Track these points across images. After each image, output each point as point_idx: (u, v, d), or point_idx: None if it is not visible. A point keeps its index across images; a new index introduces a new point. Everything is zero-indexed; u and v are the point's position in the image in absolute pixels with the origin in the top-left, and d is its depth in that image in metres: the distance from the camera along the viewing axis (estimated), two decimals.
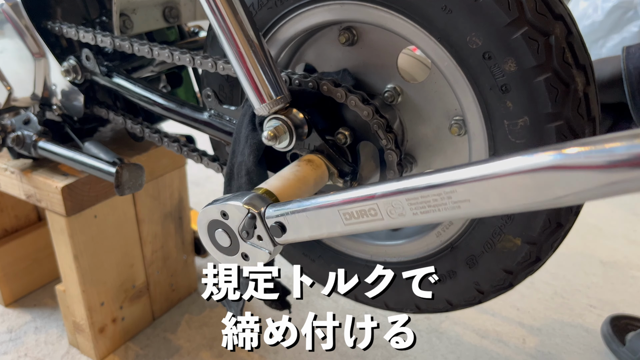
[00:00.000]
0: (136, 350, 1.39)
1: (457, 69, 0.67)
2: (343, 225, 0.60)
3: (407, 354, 1.35)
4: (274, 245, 0.66)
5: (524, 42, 0.61)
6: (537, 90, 0.62)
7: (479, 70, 0.65)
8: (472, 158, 0.73)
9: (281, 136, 0.74)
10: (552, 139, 0.64)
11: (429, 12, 0.66)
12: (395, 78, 0.80)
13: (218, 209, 0.67)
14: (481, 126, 0.68)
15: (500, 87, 0.64)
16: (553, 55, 0.61)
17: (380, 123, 0.73)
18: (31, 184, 1.18)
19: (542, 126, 0.64)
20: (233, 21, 0.66)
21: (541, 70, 0.61)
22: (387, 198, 0.55)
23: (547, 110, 0.62)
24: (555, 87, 0.62)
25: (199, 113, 0.92)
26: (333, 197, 0.60)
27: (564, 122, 0.63)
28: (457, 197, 0.50)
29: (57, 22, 1.08)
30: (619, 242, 1.90)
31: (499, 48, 0.62)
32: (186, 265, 1.55)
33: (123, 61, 1.15)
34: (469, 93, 0.67)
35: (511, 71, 0.63)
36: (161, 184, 1.38)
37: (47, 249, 1.56)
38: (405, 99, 0.81)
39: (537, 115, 0.63)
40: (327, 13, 0.76)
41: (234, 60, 0.69)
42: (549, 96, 0.62)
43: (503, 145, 0.67)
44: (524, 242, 0.72)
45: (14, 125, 1.17)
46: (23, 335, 1.43)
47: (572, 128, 0.63)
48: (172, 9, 1.18)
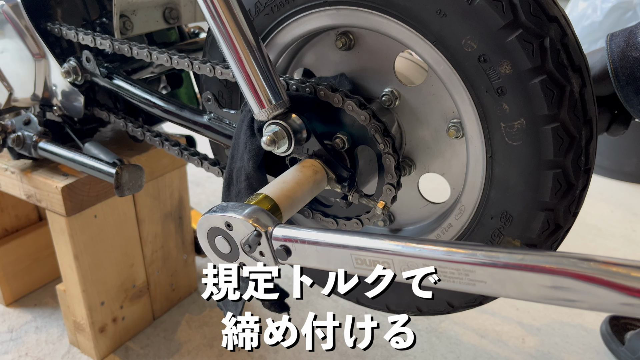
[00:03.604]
0: (136, 350, 1.39)
1: (453, 72, 0.67)
2: (352, 267, 0.60)
3: (406, 354, 1.36)
4: (276, 264, 0.65)
5: (519, 45, 0.61)
6: (532, 92, 0.62)
7: (475, 73, 0.65)
8: (470, 160, 0.74)
9: (280, 141, 0.74)
10: (549, 141, 0.64)
11: (424, 16, 0.66)
12: (392, 82, 0.81)
13: (222, 219, 0.65)
14: (478, 129, 0.69)
15: (496, 90, 0.64)
16: (548, 57, 0.61)
17: (378, 127, 0.73)
18: (31, 184, 1.19)
19: (538, 128, 0.64)
20: (232, 26, 0.67)
21: (536, 72, 0.61)
22: (406, 258, 0.55)
23: (544, 113, 0.63)
24: (551, 89, 0.62)
25: (199, 116, 0.92)
26: (348, 237, 0.59)
27: (560, 124, 0.63)
28: (474, 276, 0.51)
29: (56, 23, 1.09)
30: (618, 242, 1.91)
31: (494, 51, 0.63)
32: (186, 265, 1.56)
33: (123, 62, 1.15)
34: (466, 96, 0.67)
35: (507, 74, 0.63)
36: (161, 184, 1.39)
37: (48, 249, 1.57)
38: (402, 102, 0.81)
39: (534, 117, 0.64)
40: (326, 18, 0.77)
41: (233, 65, 0.69)
42: (545, 98, 0.62)
43: (500, 148, 0.68)
44: (524, 244, 0.72)
45: (15, 126, 1.17)
46: (24, 334, 1.44)
47: (568, 130, 0.64)
48: (172, 10, 1.18)
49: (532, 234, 0.70)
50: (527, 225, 0.70)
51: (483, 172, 0.72)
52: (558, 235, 0.71)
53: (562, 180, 0.66)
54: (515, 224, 0.71)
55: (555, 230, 0.70)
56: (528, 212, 0.69)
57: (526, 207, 0.69)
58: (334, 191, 0.79)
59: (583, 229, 1.96)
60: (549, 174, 0.66)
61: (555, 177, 0.66)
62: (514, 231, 0.72)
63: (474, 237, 0.76)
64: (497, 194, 0.71)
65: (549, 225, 0.69)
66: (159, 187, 1.39)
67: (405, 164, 0.85)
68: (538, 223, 0.69)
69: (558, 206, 0.68)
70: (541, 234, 0.70)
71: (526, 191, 0.68)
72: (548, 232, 0.70)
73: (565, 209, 0.69)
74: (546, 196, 0.67)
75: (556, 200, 0.67)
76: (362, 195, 0.78)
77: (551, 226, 0.69)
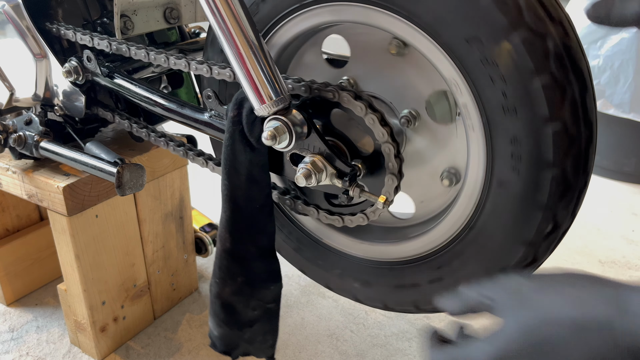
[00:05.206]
0: (137, 350, 1.39)
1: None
2: None
3: (406, 354, 1.36)
4: None
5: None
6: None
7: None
8: (469, 159, 0.74)
9: (281, 136, 0.75)
10: (549, 141, 0.64)
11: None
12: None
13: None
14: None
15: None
16: (550, 61, 0.61)
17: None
18: (33, 184, 1.19)
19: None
20: (233, 22, 0.67)
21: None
22: None
23: (545, 115, 0.63)
24: (552, 92, 0.62)
25: (200, 114, 0.92)
26: None
27: (561, 125, 0.63)
28: None
29: (57, 23, 1.09)
30: (617, 242, 1.91)
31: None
32: (187, 265, 1.56)
33: (124, 62, 1.16)
34: None
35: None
36: (162, 184, 1.39)
37: (49, 249, 1.57)
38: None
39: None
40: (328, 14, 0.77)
41: (234, 61, 0.69)
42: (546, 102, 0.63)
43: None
44: (522, 244, 0.72)
45: (16, 126, 1.17)
46: (25, 334, 1.44)
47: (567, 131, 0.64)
48: (172, 10, 1.18)
49: (530, 234, 0.71)
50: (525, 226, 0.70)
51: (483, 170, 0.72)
52: (556, 235, 0.71)
53: (560, 181, 0.66)
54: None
55: (553, 230, 0.70)
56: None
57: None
58: (335, 186, 0.79)
59: (582, 228, 1.97)
60: (547, 174, 0.66)
61: (553, 179, 0.66)
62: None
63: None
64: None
65: (547, 225, 0.69)
66: (160, 187, 1.39)
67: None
68: (535, 223, 0.70)
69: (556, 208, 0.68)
70: (539, 234, 0.70)
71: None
72: (546, 232, 0.70)
73: (564, 210, 0.69)
74: (544, 197, 0.67)
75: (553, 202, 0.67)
76: (363, 190, 0.78)
77: (549, 227, 0.70)
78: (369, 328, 1.44)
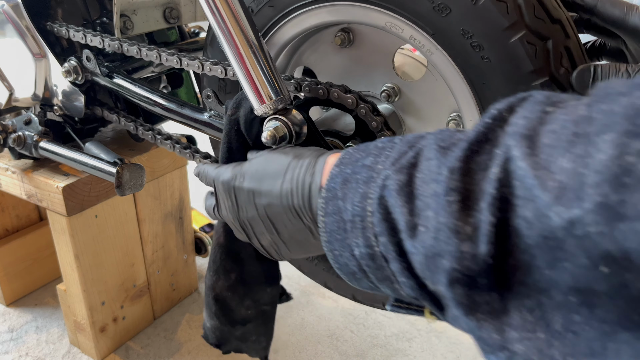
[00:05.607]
0: (137, 350, 1.39)
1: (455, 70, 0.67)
2: None
3: (407, 354, 1.36)
4: None
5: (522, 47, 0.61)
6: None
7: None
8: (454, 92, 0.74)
9: (280, 136, 0.75)
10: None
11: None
12: (392, 77, 0.81)
13: None
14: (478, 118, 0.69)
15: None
16: (551, 60, 0.61)
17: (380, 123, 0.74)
18: (32, 184, 1.19)
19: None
20: (232, 21, 0.67)
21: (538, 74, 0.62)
22: None
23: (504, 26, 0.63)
24: (551, 90, 0.62)
25: (199, 113, 0.92)
26: None
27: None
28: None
29: (57, 23, 1.09)
30: None
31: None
32: (187, 265, 1.56)
33: (124, 62, 1.16)
34: (467, 90, 0.68)
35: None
36: (162, 184, 1.39)
37: (48, 249, 1.57)
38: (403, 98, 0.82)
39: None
40: (327, 14, 0.77)
41: (234, 61, 0.69)
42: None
43: None
44: None
45: (15, 126, 1.17)
46: (24, 334, 1.44)
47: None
48: (172, 9, 1.18)
49: None
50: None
51: None
52: None
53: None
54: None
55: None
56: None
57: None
58: None
59: None
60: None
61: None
62: None
63: None
64: None
65: None
66: (160, 187, 1.39)
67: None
68: None
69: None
70: None
71: None
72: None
73: None
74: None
75: None
76: None
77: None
78: (369, 328, 1.43)
